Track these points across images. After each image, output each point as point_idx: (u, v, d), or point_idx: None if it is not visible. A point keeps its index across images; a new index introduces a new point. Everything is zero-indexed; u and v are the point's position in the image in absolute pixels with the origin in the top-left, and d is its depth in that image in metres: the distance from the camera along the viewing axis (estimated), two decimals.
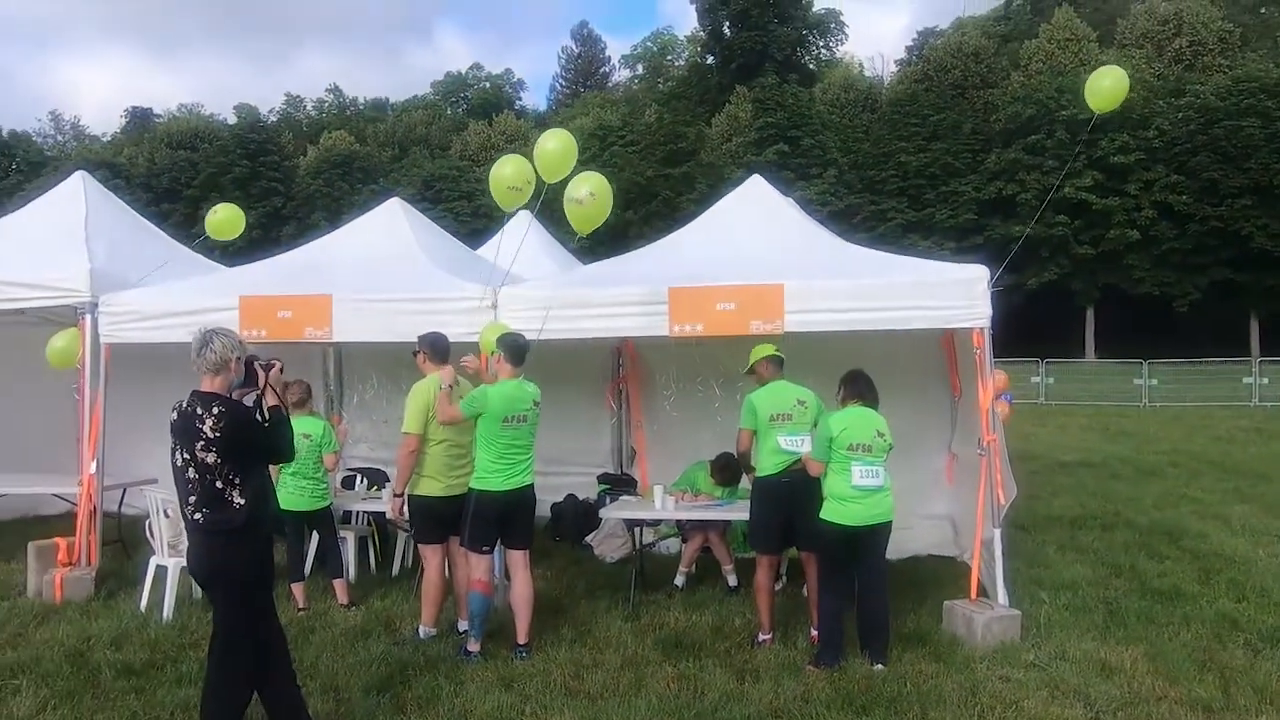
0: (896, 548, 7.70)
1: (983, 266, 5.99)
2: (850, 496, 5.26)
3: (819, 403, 5.78)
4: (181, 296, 7.09)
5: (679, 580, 7.18)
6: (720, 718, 4.52)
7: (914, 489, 7.49)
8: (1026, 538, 8.75)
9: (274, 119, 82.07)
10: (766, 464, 5.72)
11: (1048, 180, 47.74)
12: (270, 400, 4.06)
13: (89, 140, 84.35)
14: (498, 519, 5.42)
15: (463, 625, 5.77)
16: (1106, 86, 6.55)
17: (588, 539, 8.28)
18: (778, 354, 5.97)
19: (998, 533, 5.90)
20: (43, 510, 8.98)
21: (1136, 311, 49.64)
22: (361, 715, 4.56)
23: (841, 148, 57.19)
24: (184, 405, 3.91)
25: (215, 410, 3.84)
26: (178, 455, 3.91)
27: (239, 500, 3.88)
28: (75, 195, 8.39)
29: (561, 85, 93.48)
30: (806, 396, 5.77)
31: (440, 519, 5.66)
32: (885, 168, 54.56)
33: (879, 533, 5.35)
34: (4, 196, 58.59)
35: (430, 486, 5.63)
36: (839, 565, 5.40)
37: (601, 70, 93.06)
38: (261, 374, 4.04)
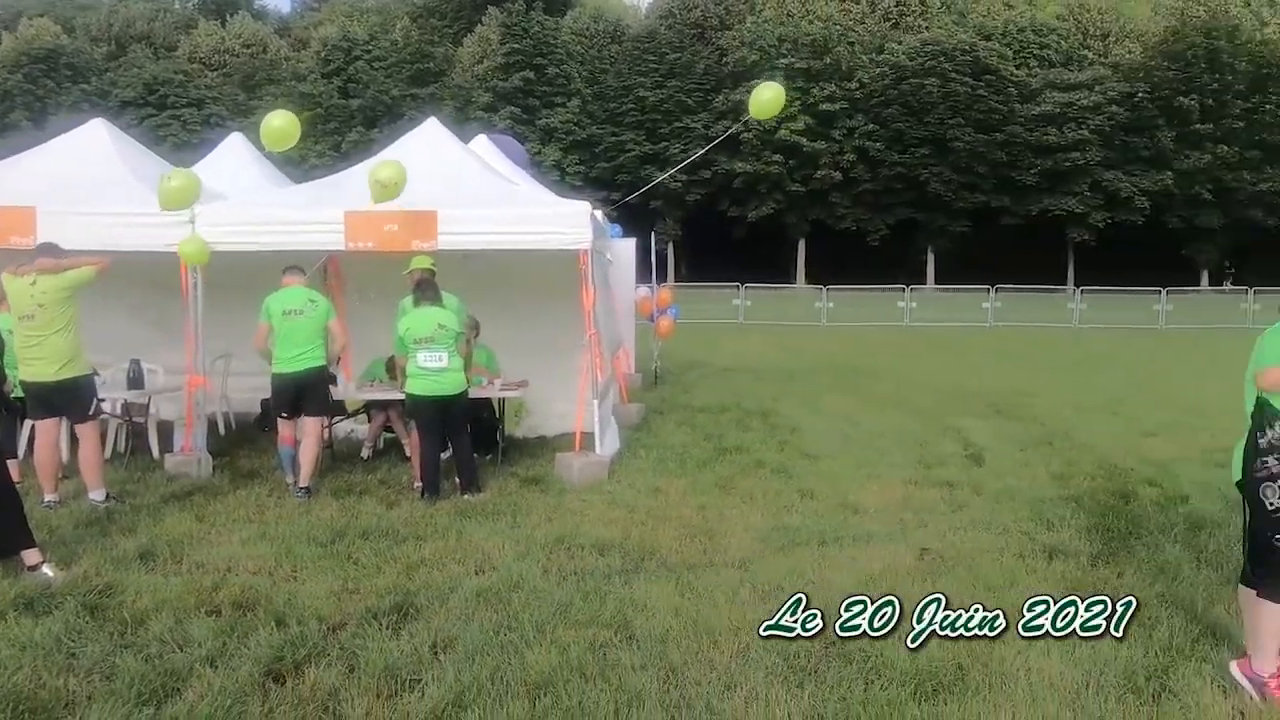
0: (550, 425, 9.77)
1: (585, 203, 7.94)
2: (416, 374, 7.09)
3: (459, 310, 7.49)
4: None
5: (364, 453, 8.79)
6: (365, 529, 6.21)
7: (559, 381, 9.33)
8: (658, 418, 11.08)
9: None
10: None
11: (765, 121, 52.19)
12: None
13: None
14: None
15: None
16: (767, 99, 8.54)
17: None
18: (431, 267, 7.62)
19: (596, 404, 7.97)
20: None
21: (837, 244, 56.15)
22: None
23: (586, 79, 58.98)
24: None
25: None
26: None
27: None
28: None
29: None
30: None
31: None
32: (626, 101, 57.10)
33: (454, 401, 7.14)
34: None
35: None
36: (428, 426, 7.20)
37: None
38: None
